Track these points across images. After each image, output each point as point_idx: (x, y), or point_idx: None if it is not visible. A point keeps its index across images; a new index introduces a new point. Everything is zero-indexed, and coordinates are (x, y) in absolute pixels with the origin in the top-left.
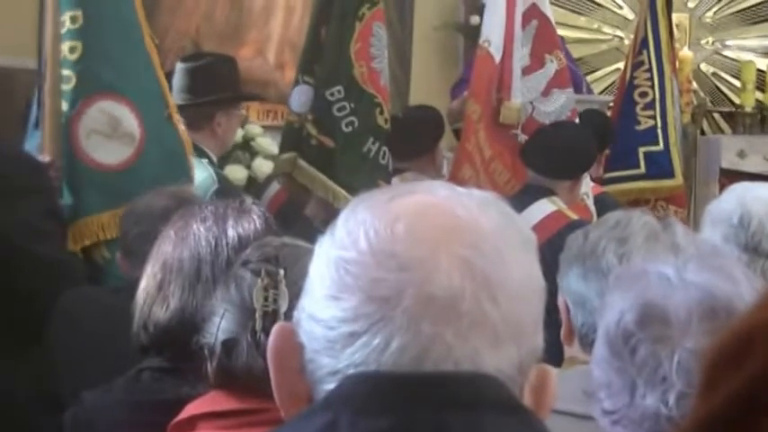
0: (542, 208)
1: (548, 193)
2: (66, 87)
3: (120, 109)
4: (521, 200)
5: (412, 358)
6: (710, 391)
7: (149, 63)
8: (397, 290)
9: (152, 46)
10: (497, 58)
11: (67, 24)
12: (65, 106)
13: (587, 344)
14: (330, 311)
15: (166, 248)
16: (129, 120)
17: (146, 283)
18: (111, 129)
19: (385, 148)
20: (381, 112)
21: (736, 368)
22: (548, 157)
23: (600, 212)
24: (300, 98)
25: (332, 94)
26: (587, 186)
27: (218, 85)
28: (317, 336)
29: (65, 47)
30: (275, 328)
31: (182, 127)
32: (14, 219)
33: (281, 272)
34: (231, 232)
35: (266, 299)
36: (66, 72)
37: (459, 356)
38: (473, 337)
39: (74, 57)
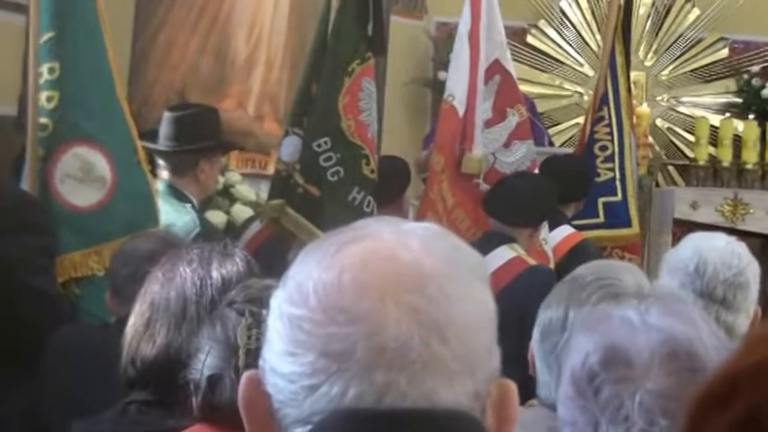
0: (503, 254)
1: (508, 240)
2: (43, 134)
3: (95, 155)
4: (483, 246)
5: (370, 404)
6: None
7: (121, 112)
8: (349, 343)
9: (122, 96)
10: (461, 112)
11: (45, 75)
12: (41, 152)
13: None
14: (289, 367)
15: (154, 288)
16: (102, 165)
17: (134, 321)
18: (83, 173)
19: (370, 198)
20: (368, 164)
21: (722, 410)
22: (509, 206)
23: (583, 259)
24: (289, 149)
25: (319, 145)
26: (546, 233)
27: (202, 134)
28: (280, 388)
29: (42, 96)
30: (244, 378)
31: (149, 173)
32: (19, 252)
33: (264, 312)
34: (215, 274)
35: (249, 337)
36: (43, 120)
37: (415, 398)
38: (427, 379)
39: (51, 106)
